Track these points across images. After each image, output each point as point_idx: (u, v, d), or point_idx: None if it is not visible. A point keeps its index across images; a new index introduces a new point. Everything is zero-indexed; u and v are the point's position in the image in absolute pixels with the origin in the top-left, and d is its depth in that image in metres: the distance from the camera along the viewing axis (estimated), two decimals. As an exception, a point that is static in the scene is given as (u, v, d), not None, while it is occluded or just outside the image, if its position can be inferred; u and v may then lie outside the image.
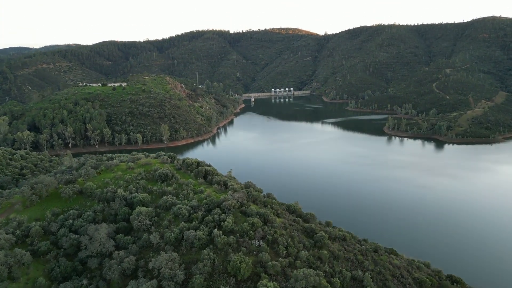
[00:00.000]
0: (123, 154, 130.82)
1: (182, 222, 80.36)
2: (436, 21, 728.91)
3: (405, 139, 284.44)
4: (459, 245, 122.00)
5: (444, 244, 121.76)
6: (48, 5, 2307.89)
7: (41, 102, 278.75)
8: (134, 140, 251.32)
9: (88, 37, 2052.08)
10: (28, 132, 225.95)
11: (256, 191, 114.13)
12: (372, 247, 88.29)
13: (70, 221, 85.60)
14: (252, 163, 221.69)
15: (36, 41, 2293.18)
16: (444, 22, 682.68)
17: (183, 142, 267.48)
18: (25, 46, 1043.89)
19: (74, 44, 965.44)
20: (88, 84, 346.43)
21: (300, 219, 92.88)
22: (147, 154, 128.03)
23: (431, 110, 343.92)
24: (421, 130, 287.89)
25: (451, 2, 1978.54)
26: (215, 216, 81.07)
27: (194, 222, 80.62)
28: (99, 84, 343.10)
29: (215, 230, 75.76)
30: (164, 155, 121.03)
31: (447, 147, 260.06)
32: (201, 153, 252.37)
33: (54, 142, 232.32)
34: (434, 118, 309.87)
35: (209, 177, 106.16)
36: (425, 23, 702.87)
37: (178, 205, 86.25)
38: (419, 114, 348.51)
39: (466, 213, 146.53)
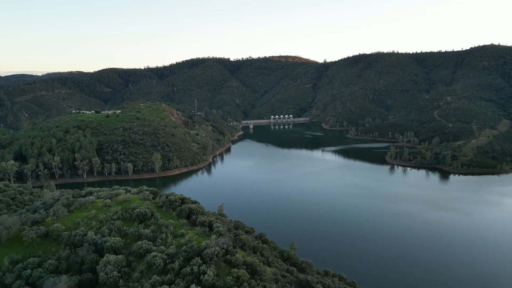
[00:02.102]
0: (103, 188, 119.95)
1: (155, 275, 68.74)
2: (435, 49, 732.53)
3: (408, 168, 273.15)
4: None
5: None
6: (51, 32, 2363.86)
7: (31, 130, 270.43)
8: (125, 170, 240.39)
9: (91, 65, 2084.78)
10: (12, 162, 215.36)
11: (246, 231, 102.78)
12: (378, 303, 75.82)
13: (29, 271, 73.80)
14: (246, 195, 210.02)
15: (39, 68, 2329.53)
16: (443, 50, 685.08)
17: (176, 172, 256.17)
18: (28, 73, 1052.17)
19: (77, 71, 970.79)
20: (81, 112, 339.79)
21: (294, 268, 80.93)
22: (129, 188, 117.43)
23: (433, 138, 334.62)
24: (425, 160, 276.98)
25: (448, 31, 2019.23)
26: (194, 267, 69.49)
27: (169, 275, 69.01)
28: (93, 111, 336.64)
29: (193, 286, 64.31)
30: (146, 190, 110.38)
31: (452, 178, 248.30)
32: (194, 183, 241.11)
33: (39, 173, 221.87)
34: (437, 147, 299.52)
35: (193, 216, 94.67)
36: (424, 51, 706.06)
37: (153, 253, 74.71)
38: (422, 142, 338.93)
39: (481, 256, 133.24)
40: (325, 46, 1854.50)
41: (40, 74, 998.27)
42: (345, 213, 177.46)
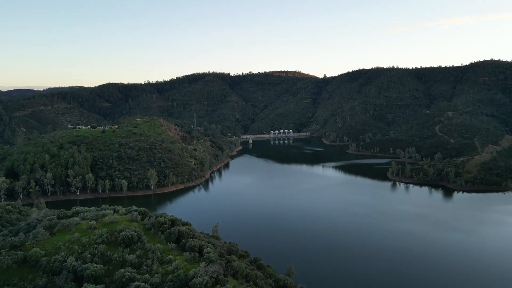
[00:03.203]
0: (90, 208, 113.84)
1: (136, 309, 62.46)
2: (434, 64, 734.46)
3: (411, 185, 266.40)
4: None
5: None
6: (54, 48, 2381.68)
7: (25, 146, 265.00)
8: (119, 187, 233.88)
9: (93, 80, 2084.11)
10: (3, 178, 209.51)
11: (240, 256, 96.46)
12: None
13: (0, 301, 67.70)
14: (243, 213, 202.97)
15: (41, 83, 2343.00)
16: (443, 65, 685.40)
17: (173, 189, 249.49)
18: (29, 88, 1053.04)
19: (78, 86, 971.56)
20: (77, 127, 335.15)
21: (290, 299, 74.41)
22: (117, 208, 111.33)
23: (435, 154, 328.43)
24: (427, 176, 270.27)
25: (448, 46, 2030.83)
26: (179, 299, 63.38)
27: (152, 308, 62.82)
28: (89, 126, 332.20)
29: (177, 322, 58.04)
30: (135, 210, 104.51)
31: (456, 195, 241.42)
32: (190, 201, 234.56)
33: (30, 190, 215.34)
34: (440, 163, 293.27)
35: (183, 240, 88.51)
36: (423, 66, 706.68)
37: (136, 283, 68.48)
38: (424, 158, 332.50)
39: (488, 278, 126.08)
40: (325, 62, 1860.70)
41: (42, 89, 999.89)
42: (346, 233, 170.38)
